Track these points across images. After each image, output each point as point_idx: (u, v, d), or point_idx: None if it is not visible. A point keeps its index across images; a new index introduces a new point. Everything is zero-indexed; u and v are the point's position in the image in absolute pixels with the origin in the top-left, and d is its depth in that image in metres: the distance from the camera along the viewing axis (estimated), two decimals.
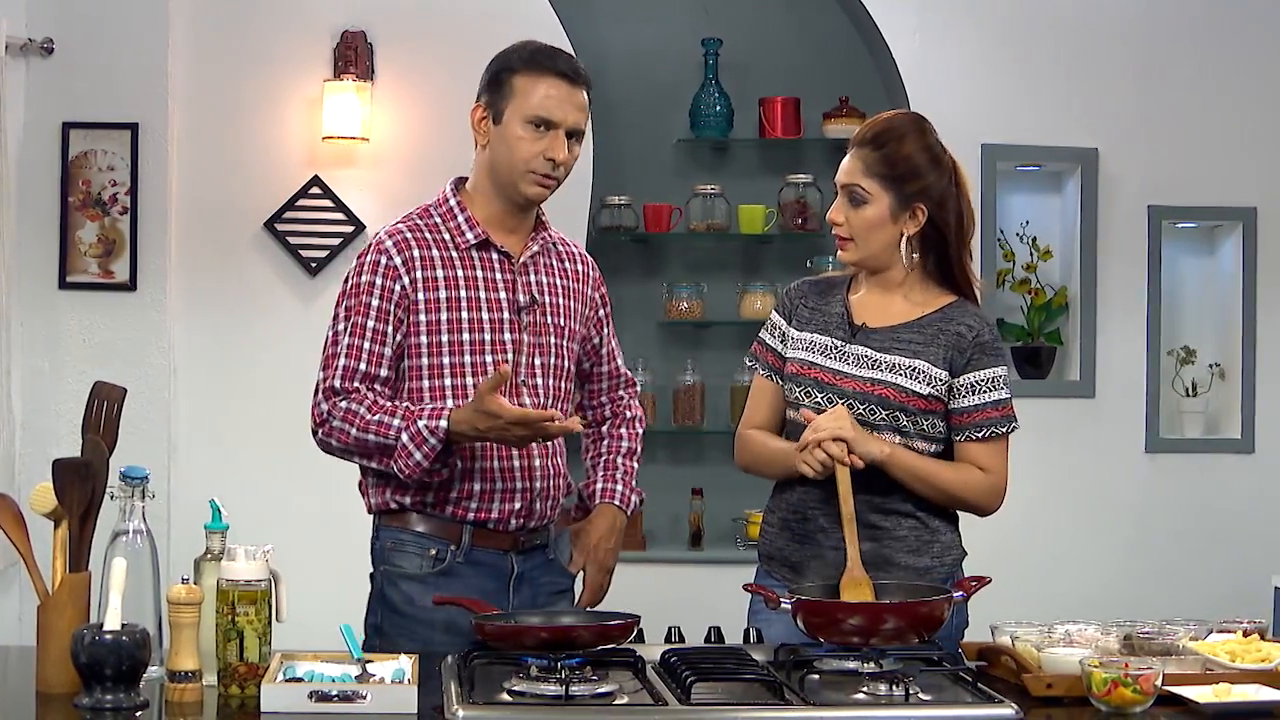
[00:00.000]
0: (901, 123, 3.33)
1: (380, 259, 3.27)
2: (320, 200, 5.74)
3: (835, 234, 3.34)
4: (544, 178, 3.28)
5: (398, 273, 3.25)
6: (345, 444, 3.21)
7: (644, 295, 6.17)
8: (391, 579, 3.29)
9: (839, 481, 3.13)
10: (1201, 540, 5.93)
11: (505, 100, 3.26)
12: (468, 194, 3.36)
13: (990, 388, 3.27)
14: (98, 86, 5.62)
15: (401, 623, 3.26)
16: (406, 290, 3.25)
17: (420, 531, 3.28)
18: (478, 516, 3.27)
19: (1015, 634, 2.98)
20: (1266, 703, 2.70)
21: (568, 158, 3.29)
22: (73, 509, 2.75)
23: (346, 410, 3.20)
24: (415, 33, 5.77)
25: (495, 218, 3.33)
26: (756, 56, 6.20)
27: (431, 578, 3.25)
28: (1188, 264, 6.18)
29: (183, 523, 5.35)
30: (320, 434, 3.25)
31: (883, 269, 3.33)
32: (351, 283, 3.29)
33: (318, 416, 3.24)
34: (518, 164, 3.26)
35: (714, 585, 5.24)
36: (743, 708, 2.65)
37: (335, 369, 3.24)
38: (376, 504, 3.32)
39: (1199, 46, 5.98)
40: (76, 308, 5.64)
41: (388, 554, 3.30)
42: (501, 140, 3.27)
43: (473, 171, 3.38)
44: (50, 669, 2.71)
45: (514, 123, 3.25)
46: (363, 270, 3.28)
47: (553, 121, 3.26)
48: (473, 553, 3.28)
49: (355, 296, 3.27)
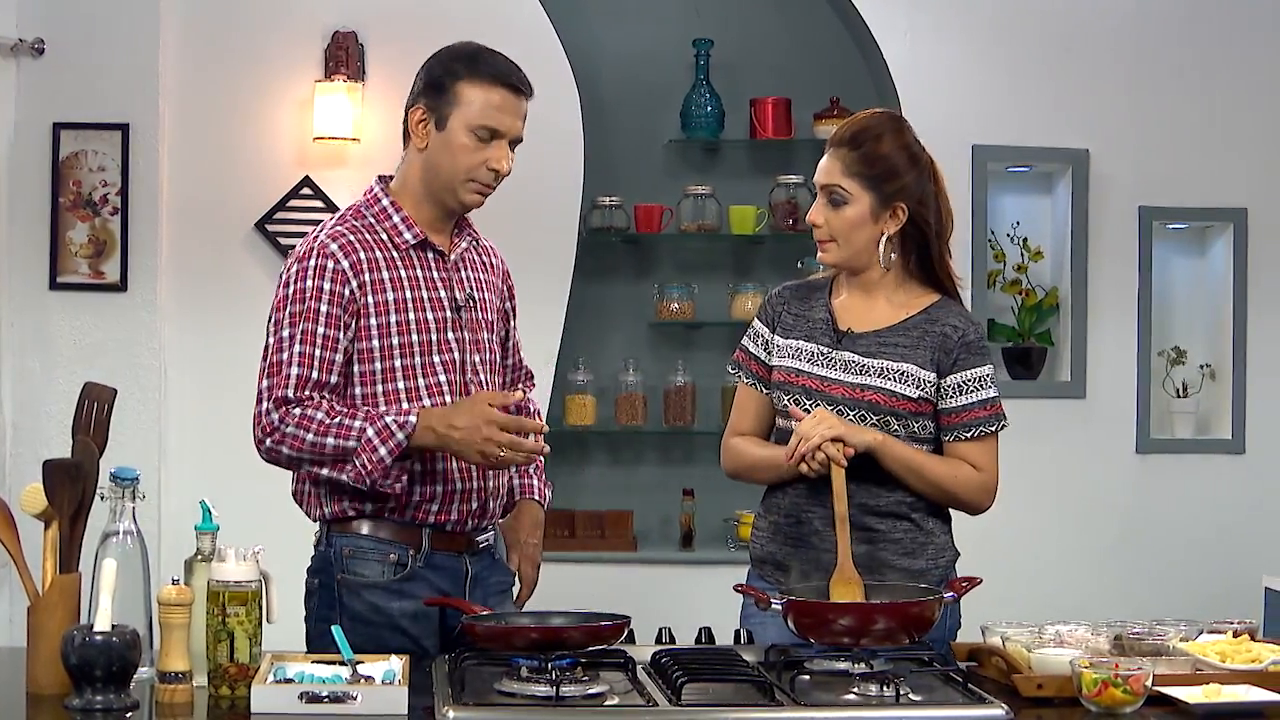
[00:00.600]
0: (879, 122, 3.32)
1: (327, 263, 3.19)
2: (311, 201, 5.73)
3: (816, 236, 3.33)
4: (484, 186, 3.27)
5: (346, 276, 3.18)
6: (298, 449, 3.13)
7: (635, 296, 6.18)
8: (353, 588, 3.21)
9: (834, 481, 3.12)
10: (1192, 541, 5.93)
11: (449, 107, 3.23)
12: (397, 193, 3.32)
13: (978, 387, 3.27)
14: (88, 87, 5.61)
15: (367, 631, 3.16)
16: (355, 294, 3.19)
17: (380, 537, 3.23)
18: (438, 519, 3.24)
19: (1006, 634, 2.98)
20: (1256, 703, 2.70)
21: (510, 168, 3.28)
22: (63, 510, 2.75)
23: (301, 416, 3.12)
24: (406, 33, 5.75)
25: (427, 219, 3.30)
26: (747, 57, 6.20)
27: (395, 584, 3.21)
28: (1178, 265, 6.19)
29: (173, 524, 5.35)
30: (269, 442, 3.15)
31: (864, 269, 3.32)
32: (295, 288, 3.18)
33: (266, 426, 3.14)
34: (460, 172, 3.24)
35: (705, 586, 5.23)
36: (733, 709, 2.65)
37: (286, 377, 3.14)
38: (331, 513, 3.24)
39: (1189, 47, 5.99)
40: (67, 308, 5.63)
41: (346, 561, 3.22)
42: (444, 147, 3.24)
43: (403, 171, 3.33)
44: (40, 670, 2.71)
45: (458, 130, 3.22)
46: (307, 275, 3.19)
47: (499, 132, 3.24)
48: (432, 557, 3.25)
49: (301, 302, 3.17)
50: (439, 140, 3.24)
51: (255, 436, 3.18)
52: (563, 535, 5.88)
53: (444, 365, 3.25)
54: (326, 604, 3.24)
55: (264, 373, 3.19)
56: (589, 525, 5.96)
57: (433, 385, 3.22)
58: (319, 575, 3.27)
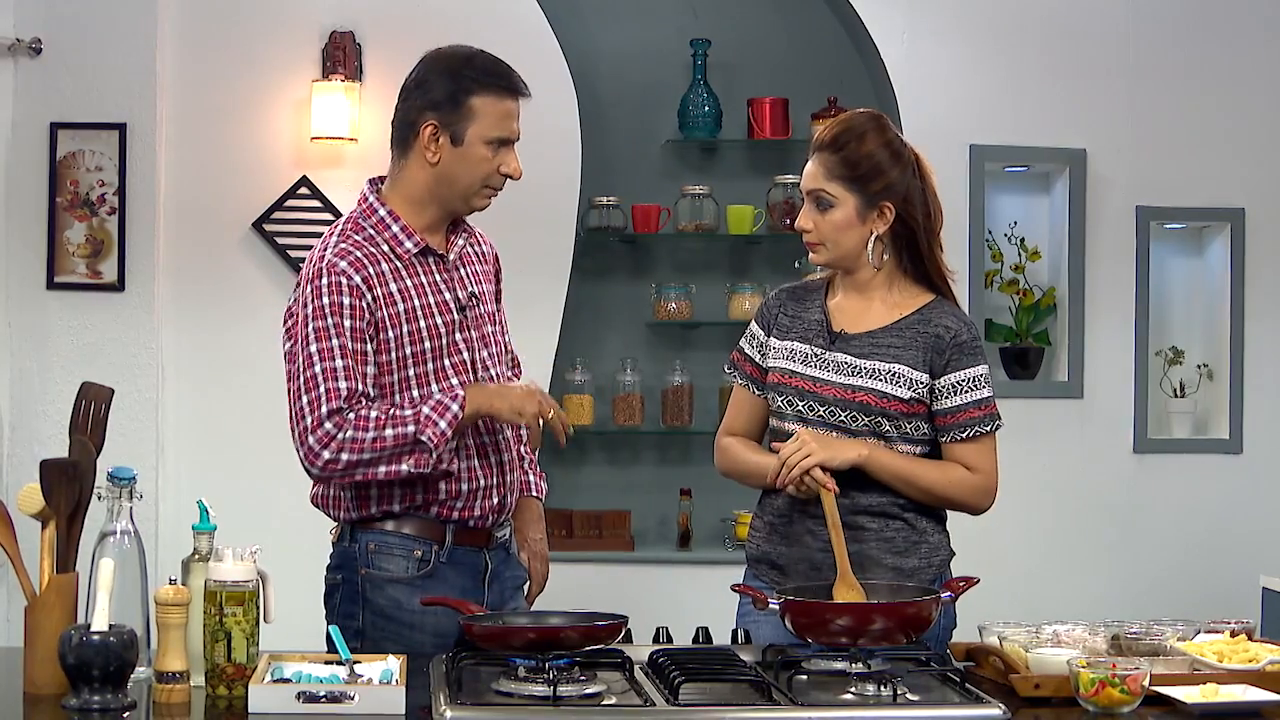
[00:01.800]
0: (860, 122, 3.31)
1: (341, 280, 3.18)
2: (309, 201, 5.73)
3: (805, 240, 3.33)
4: (496, 190, 3.32)
5: (361, 291, 3.19)
6: (359, 451, 3.10)
7: (632, 296, 6.17)
8: (376, 583, 3.25)
9: (825, 504, 3.13)
10: (1189, 540, 5.93)
11: (466, 122, 3.24)
12: (395, 202, 3.31)
13: (971, 387, 3.26)
14: (86, 87, 5.61)
15: (389, 626, 3.23)
16: (371, 308, 3.20)
17: (405, 533, 3.26)
18: (462, 515, 3.28)
19: (1003, 634, 2.98)
20: (1253, 703, 2.70)
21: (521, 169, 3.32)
22: (60, 509, 2.75)
23: (357, 418, 3.11)
24: (403, 33, 5.76)
25: (426, 225, 3.31)
26: (745, 57, 6.20)
27: (417, 579, 3.25)
28: (1176, 265, 6.19)
29: (170, 523, 5.36)
30: (327, 455, 3.10)
31: (856, 269, 3.33)
32: (314, 306, 3.17)
33: (322, 438, 3.10)
34: (477, 182, 3.27)
35: (702, 586, 5.24)
36: (730, 708, 2.66)
37: (332, 390, 3.12)
38: (358, 514, 3.26)
39: (1187, 47, 5.99)
40: (64, 308, 5.63)
41: (370, 557, 3.26)
42: (462, 160, 3.25)
43: (402, 181, 3.31)
44: (37, 670, 2.71)
45: (476, 144, 3.24)
46: (323, 293, 3.17)
47: (510, 139, 3.29)
48: (454, 552, 3.28)
49: (324, 319, 3.16)
50: (455, 154, 3.26)
51: (309, 452, 3.12)
52: (560, 535, 5.88)
53: (455, 367, 3.27)
54: (349, 599, 3.26)
55: (299, 392, 3.15)
56: (586, 525, 5.96)
57: (446, 389, 3.24)
58: (340, 571, 3.30)
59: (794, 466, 3.16)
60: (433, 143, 3.25)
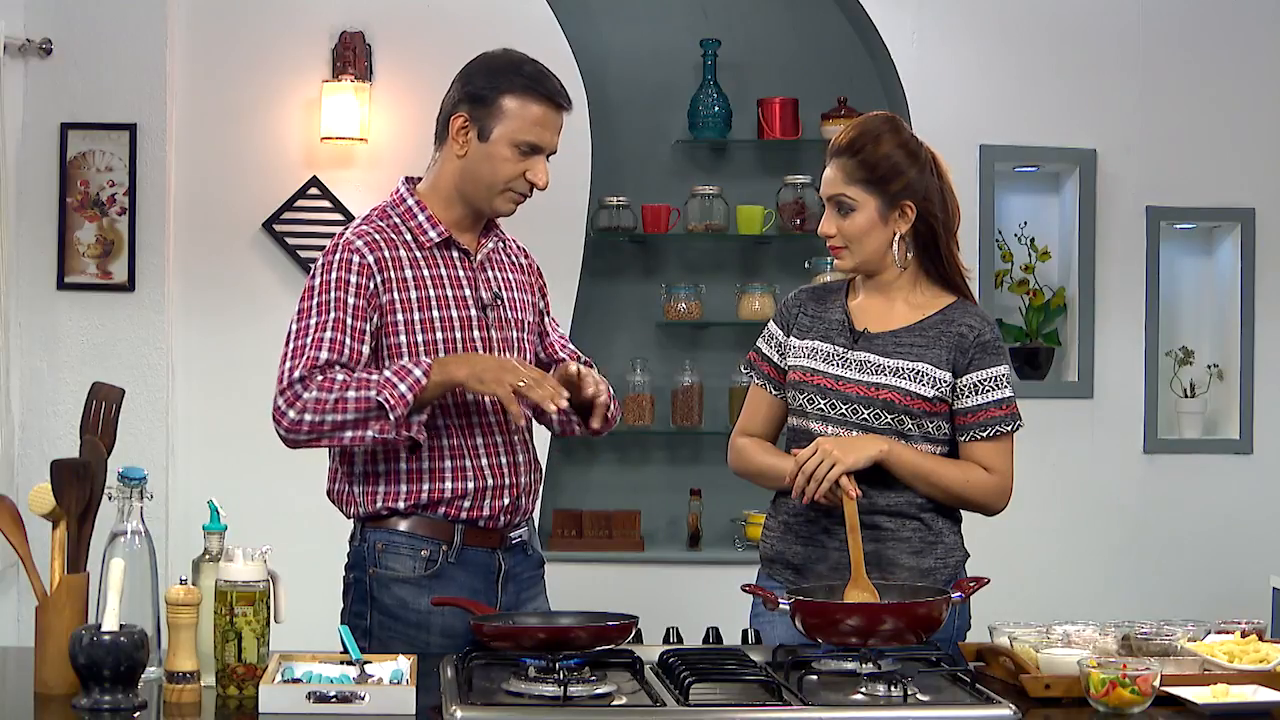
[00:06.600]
0: (874, 124, 3.32)
1: (352, 257, 3.22)
2: (319, 201, 5.74)
3: (829, 245, 3.34)
4: (520, 197, 3.32)
5: (370, 270, 3.22)
6: (320, 411, 3.09)
7: (642, 296, 6.18)
8: (383, 582, 3.25)
9: (846, 511, 3.12)
10: (1199, 541, 5.93)
11: (494, 119, 3.25)
12: (425, 194, 3.35)
13: (993, 387, 3.27)
14: (96, 87, 5.62)
15: (395, 626, 3.23)
16: (379, 289, 3.22)
17: (413, 533, 3.26)
18: (470, 515, 3.27)
19: (1013, 634, 2.98)
20: (1264, 704, 2.70)
21: (548, 182, 3.31)
22: (71, 510, 2.75)
23: (323, 379, 3.11)
24: (414, 33, 5.77)
25: (454, 220, 3.33)
26: (755, 57, 6.20)
27: (424, 580, 3.24)
28: (1186, 265, 6.18)
29: (181, 523, 5.37)
30: (292, 413, 3.10)
31: (880, 271, 3.33)
32: (320, 280, 3.21)
33: (290, 397, 3.11)
34: (499, 182, 3.28)
35: (712, 586, 5.25)
36: (741, 708, 2.65)
37: (311, 357, 3.13)
38: (368, 510, 3.27)
39: (1197, 47, 5.98)
40: (75, 308, 5.64)
41: (378, 556, 3.26)
42: (485, 157, 3.27)
43: (434, 173, 3.35)
44: (48, 670, 2.71)
45: (501, 143, 3.26)
46: (333, 268, 3.21)
47: (539, 147, 3.28)
48: (464, 553, 3.28)
49: (326, 292, 3.19)
50: (480, 150, 3.27)
51: (275, 410, 3.13)
52: (570, 535, 5.89)
53: None
54: (359, 598, 3.27)
55: (284, 356, 3.18)
56: (596, 525, 5.97)
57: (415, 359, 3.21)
58: (354, 570, 3.31)
59: (821, 480, 3.14)
60: (461, 135, 3.28)
